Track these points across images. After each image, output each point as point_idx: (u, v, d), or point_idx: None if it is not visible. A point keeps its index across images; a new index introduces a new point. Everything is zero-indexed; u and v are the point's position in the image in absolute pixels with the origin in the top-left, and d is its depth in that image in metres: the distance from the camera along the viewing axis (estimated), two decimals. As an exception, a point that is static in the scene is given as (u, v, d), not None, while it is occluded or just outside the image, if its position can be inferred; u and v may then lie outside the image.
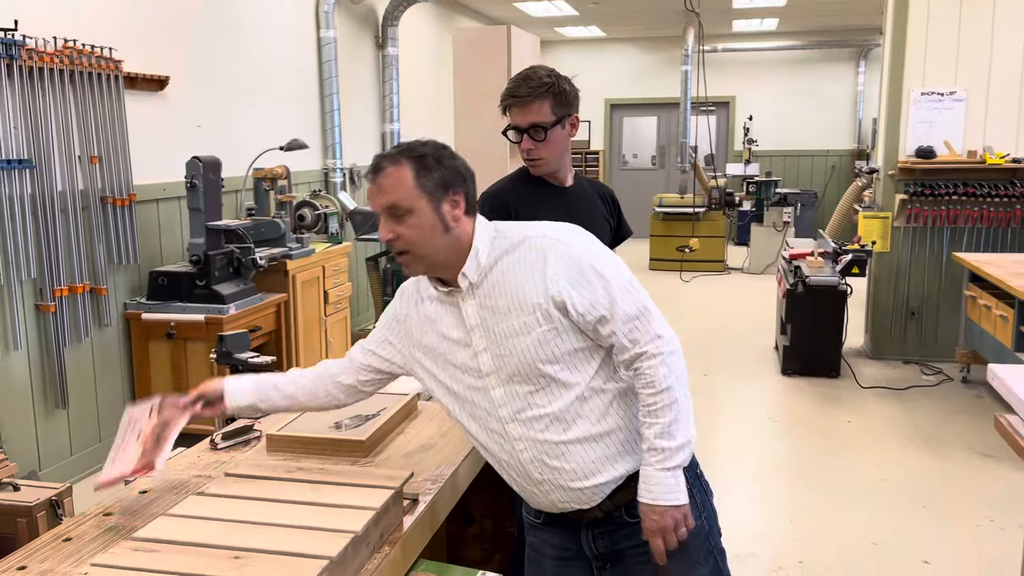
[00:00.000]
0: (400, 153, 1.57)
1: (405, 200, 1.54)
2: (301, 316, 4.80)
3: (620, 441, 1.65)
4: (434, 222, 1.56)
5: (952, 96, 5.56)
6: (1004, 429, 2.19)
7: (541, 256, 1.59)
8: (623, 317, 1.57)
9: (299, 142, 4.88)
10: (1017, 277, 4.34)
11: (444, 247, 1.59)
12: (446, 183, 1.57)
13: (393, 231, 1.57)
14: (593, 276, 1.58)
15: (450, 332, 1.66)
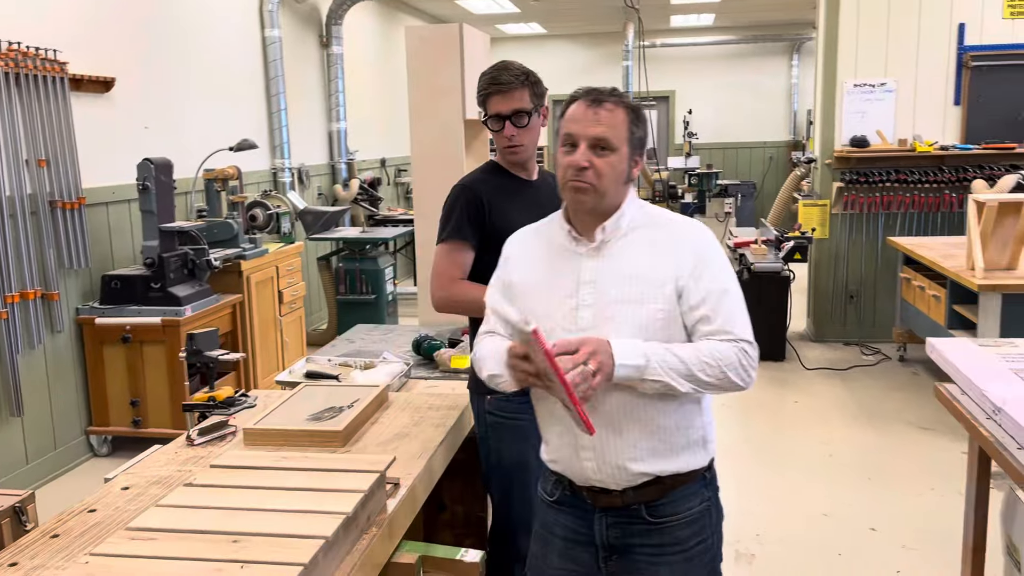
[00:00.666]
0: (619, 97, 1.65)
1: (615, 138, 1.62)
2: (257, 316, 4.79)
3: (675, 441, 1.67)
4: (623, 169, 1.64)
5: (883, 87, 5.79)
6: (944, 397, 2.34)
7: (682, 240, 1.66)
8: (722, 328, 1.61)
9: (249, 142, 4.86)
10: (947, 259, 4.56)
11: (613, 195, 1.66)
12: (642, 143, 1.68)
13: (590, 160, 1.61)
14: (715, 275, 1.64)
15: (558, 280, 1.69)
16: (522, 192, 2.36)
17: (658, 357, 1.56)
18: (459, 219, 2.28)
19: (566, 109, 1.68)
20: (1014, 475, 1.83)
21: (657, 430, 1.65)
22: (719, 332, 1.61)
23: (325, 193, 7.16)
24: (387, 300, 6.00)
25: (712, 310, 1.61)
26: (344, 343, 3.53)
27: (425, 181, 3.76)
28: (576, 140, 1.63)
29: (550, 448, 1.76)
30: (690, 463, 1.69)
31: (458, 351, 3.07)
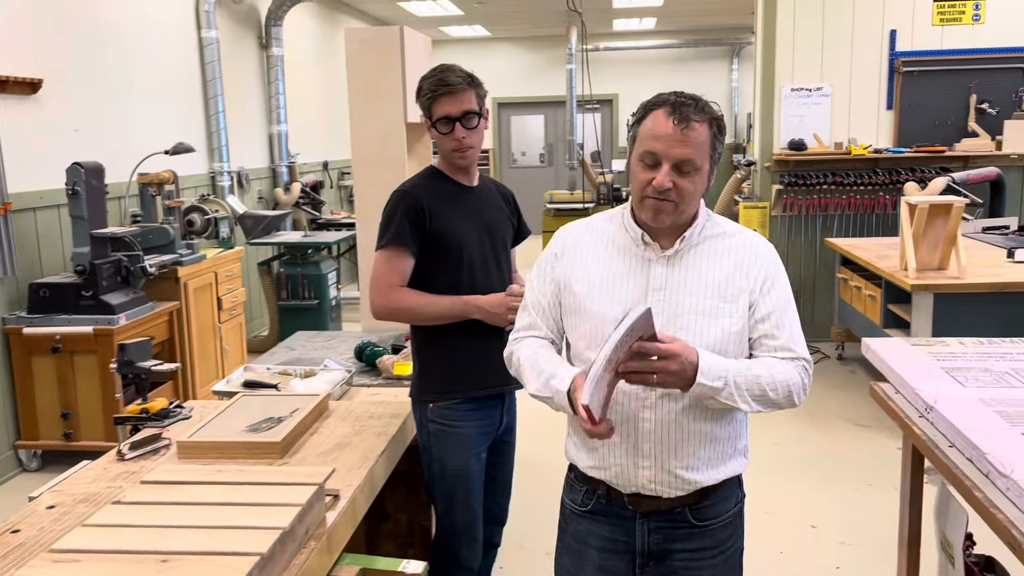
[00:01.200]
0: (703, 110, 1.59)
1: (699, 158, 1.57)
2: (195, 324, 4.67)
3: (727, 451, 1.69)
4: (703, 185, 1.61)
5: (819, 92, 5.92)
6: (879, 396, 2.39)
7: (754, 253, 1.65)
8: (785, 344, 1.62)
9: (185, 145, 4.75)
10: (883, 259, 4.67)
11: (691, 209, 1.64)
12: (720, 154, 1.64)
13: (673, 181, 1.57)
14: (780, 294, 1.65)
15: (622, 284, 1.65)
16: (463, 198, 2.33)
17: (736, 379, 1.54)
18: (399, 225, 2.23)
19: (645, 115, 1.61)
20: (945, 472, 1.87)
21: (714, 440, 1.66)
22: (782, 349, 1.63)
23: (266, 197, 7.04)
24: (330, 305, 5.92)
25: (777, 326, 1.62)
26: (284, 351, 3.46)
27: (366, 185, 3.71)
28: (659, 159, 1.57)
29: (597, 456, 1.69)
30: (735, 470, 1.74)
31: (401, 357, 3.04)
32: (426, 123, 2.30)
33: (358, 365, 3.14)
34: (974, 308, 4.07)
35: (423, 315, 2.29)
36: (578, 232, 1.77)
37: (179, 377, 4.51)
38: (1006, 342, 2.57)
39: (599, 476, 1.71)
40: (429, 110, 2.26)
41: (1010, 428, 1.88)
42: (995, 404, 2.04)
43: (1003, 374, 2.28)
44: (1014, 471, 1.65)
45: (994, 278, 4.08)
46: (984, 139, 5.76)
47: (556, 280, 1.74)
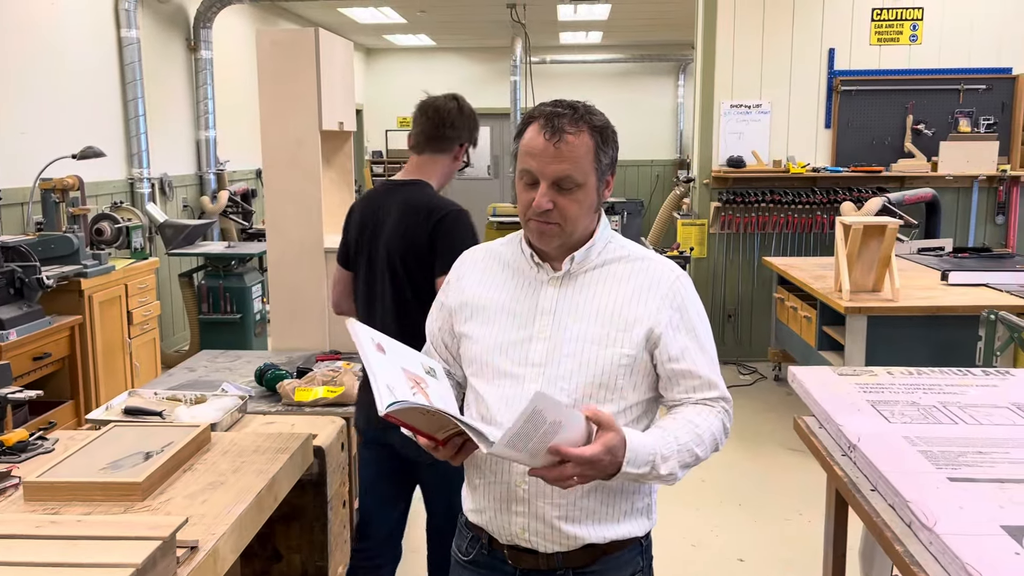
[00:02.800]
0: (581, 119, 1.44)
1: (580, 174, 1.43)
2: (100, 340, 4.38)
3: (620, 506, 1.50)
4: (592, 201, 1.47)
5: (758, 109, 5.86)
6: (802, 431, 2.25)
7: (656, 281, 1.50)
8: (702, 382, 1.49)
9: (94, 150, 4.48)
10: (818, 280, 4.59)
11: (582, 229, 1.50)
12: (612, 163, 1.49)
13: (554, 201, 1.43)
14: (693, 327, 1.50)
15: (513, 306, 1.52)
16: None
17: (663, 452, 1.37)
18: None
19: (523, 130, 1.47)
20: (867, 520, 1.73)
21: (604, 491, 1.47)
22: (702, 388, 1.48)
23: (192, 205, 6.75)
24: (254, 320, 5.66)
25: (694, 363, 1.49)
26: (183, 372, 3.22)
27: (278, 195, 3.50)
28: (536, 177, 1.44)
29: (475, 497, 1.55)
30: (631, 531, 1.53)
31: (304, 382, 2.82)
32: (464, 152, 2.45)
33: (259, 389, 2.92)
34: (908, 332, 4.00)
35: None
36: (476, 256, 1.65)
37: (80, 398, 4.22)
38: (936, 372, 2.46)
39: (478, 522, 1.55)
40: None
41: (935, 472, 1.75)
42: (920, 443, 1.91)
43: (930, 408, 2.16)
44: (937, 523, 1.52)
45: (928, 301, 4.01)
46: (920, 160, 5.76)
47: (448, 306, 1.63)
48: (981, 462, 1.79)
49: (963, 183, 5.85)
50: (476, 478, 1.54)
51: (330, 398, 2.75)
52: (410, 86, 12.77)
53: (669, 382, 1.49)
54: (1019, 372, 2.45)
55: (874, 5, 5.75)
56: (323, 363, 3.26)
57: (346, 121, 3.75)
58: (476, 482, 1.54)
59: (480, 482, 1.53)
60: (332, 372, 2.91)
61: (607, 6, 8.88)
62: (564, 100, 1.48)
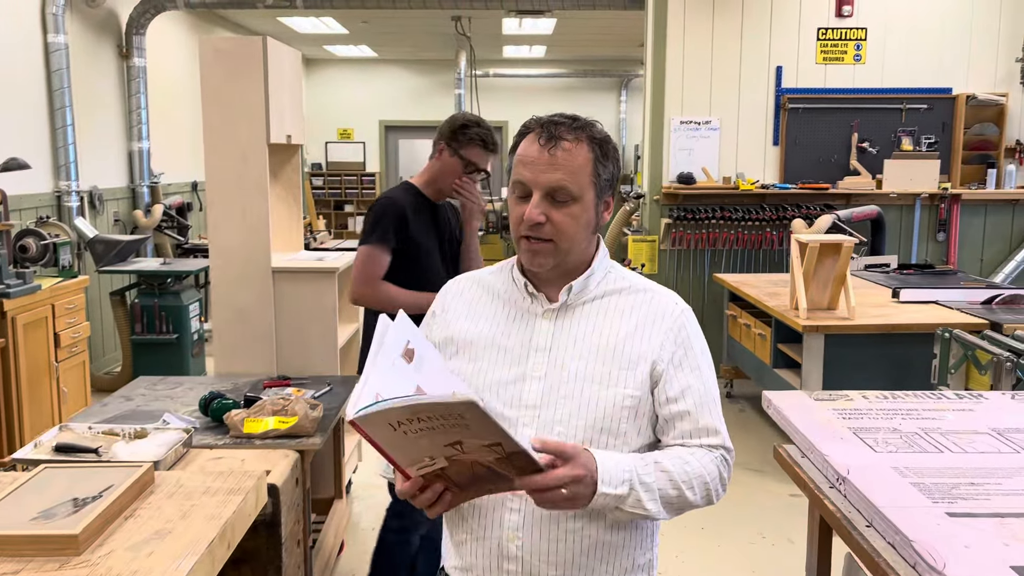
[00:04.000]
0: (581, 129, 1.34)
1: (576, 186, 1.32)
2: (24, 364, 4.10)
3: (620, 562, 1.36)
4: (589, 219, 1.37)
5: (708, 125, 5.86)
6: (784, 461, 2.17)
7: (660, 314, 1.40)
8: (701, 427, 1.36)
9: (18, 161, 4.20)
10: (772, 297, 4.58)
11: (579, 251, 1.38)
12: (611, 180, 1.39)
13: (547, 214, 1.32)
14: (696, 366, 1.38)
15: (504, 340, 1.39)
16: (429, 210, 2.79)
17: (642, 478, 1.25)
18: (385, 227, 2.67)
19: (517, 143, 1.36)
20: (864, 559, 1.65)
21: (604, 547, 1.34)
22: (702, 433, 1.35)
23: (123, 219, 6.44)
24: (191, 340, 5.40)
25: (695, 405, 1.36)
26: (119, 401, 3.00)
27: (222, 211, 3.30)
28: (528, 189, 1.33)
29: (460, 553, 1.41)
30: None
31: (253, 412, 2.64)
32: (450, 154, 2.74)
33: (203, 420, 2.73)
34: (864, 350, 4.00)
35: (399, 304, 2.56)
36: (462, 286, 1.52)
37: (2, 426, 3.93)
38: (909, 395, 2.42)
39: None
40: (465, 152, 2.72)
41: (932, 506, 1.68)
42: (910, 474, 1.85)
43: (912, 436, 2.11)
44: (947, 566, 1.44)
45: (883, 319, 4.02)
46: (865, 177, 5.83)
47: (432, 341, 1.47)
48: (976, 495, 1.74)
49: (906, 200, 5.94)
50: (461, 533, 1.40)
51: (282, 429, 2.58)
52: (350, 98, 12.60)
53: (666, 424, 1.37)
54: (992, 395, 2.43)
55: (819, 24, 5.82)
56: (271, 389, 3.08)
57: (294, 134, 3.59)
58: (462, 537, 1.40)
59: (467, 537, 1.39)
60: (282, 400, 2.74)
61: (552, 21, 8.85)
62: (565, 113, 1.38)
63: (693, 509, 1.34)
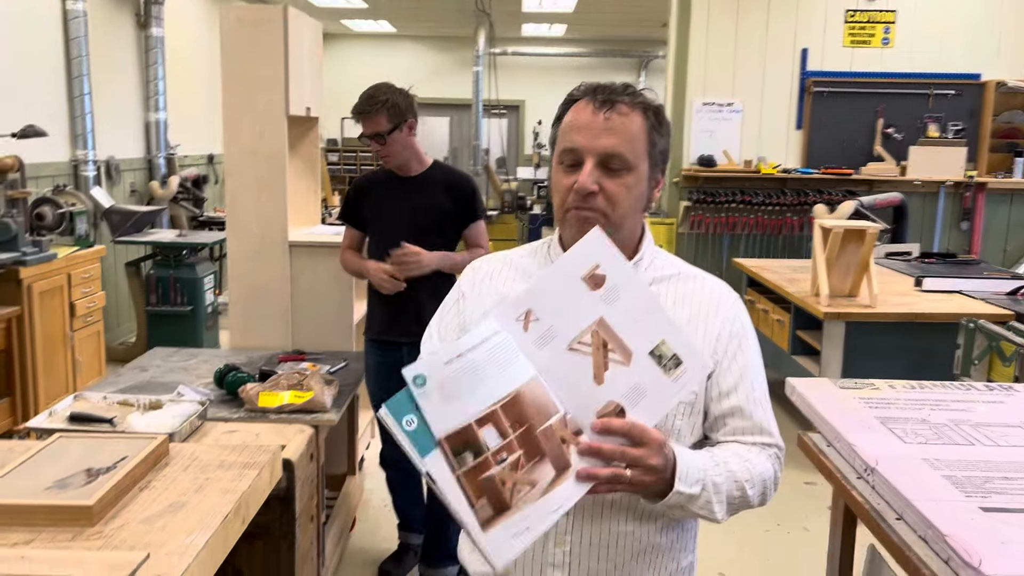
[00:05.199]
0: (635, 95, 1.25)
1: (632, 153, 1.23)
2: (40, 332, 4.09)
3: (666, 565, 1.30)
4: (642, 192, 1.27)
5: (730, 107, 5.77)
6: (809, 449, 2.13)
7: (715, 304, 1.31)
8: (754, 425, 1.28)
9: (35, 129, 4.18)
10: (792, 283, 4.51)
11: (630, 227, 1.29)
12: (664, 155, 1.30)
13: (600, 183, 1.22)
14: (748, 361, 1.31)
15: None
16: (398, 186, 2.93)
17: (714, 479, 1.18)
18: (345, 204, 3.01)
19: (564, 111, 1.27)
20: (895, 552, 1.61)
21: (651, 551, 1.28)
22: (755, 430, 1.28)
23: (140, 190, 6.42)
24: (205, 313, 5.38)
25: (747, 400, 1.29)
26: (134, 372, 2.98)
27: (239, 184, 3.27)
28: (580, 156, 1.23)
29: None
30: None
31: (268, 386, 2.62)
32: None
33: (218, 392, 2.71)
34: (885, 338, 3.94)
35: (350, 270, 3.06)
36: (491, 267, 1.43)
37: (16, 395, 3.93)
38: (937, 387, 2.36)
39: None
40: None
41: (964, 500, 1.64)
42: (942, 467, 1.80)
43: (942, 427, 2.06)
44: (982, 562, 1.40)
45: (905, 308, 3.96)
46: (889, 163, 5.74)
47: (461, 324, 1.40)
48: (1010, 489, 1.69)
49: (930, 188, 5.85)
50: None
51: (297, 404, 2.56)
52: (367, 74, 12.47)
53: (716, 422, 1.30)
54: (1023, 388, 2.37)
55: (848, 6, 5.71)
56: (287, 364, 3.05)
57: (313, 106, 3.54)
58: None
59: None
60: (298, 375, 2.71)
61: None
62: (613, 81, 1.30)
63: (744, 509, 1.28)
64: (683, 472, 1.14)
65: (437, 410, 1.07)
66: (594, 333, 1.12)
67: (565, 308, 1.13)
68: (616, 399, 1.10)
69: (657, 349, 1.13)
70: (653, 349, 1.12)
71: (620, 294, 1.14)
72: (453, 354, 1.09)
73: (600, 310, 1.13)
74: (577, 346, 1.12)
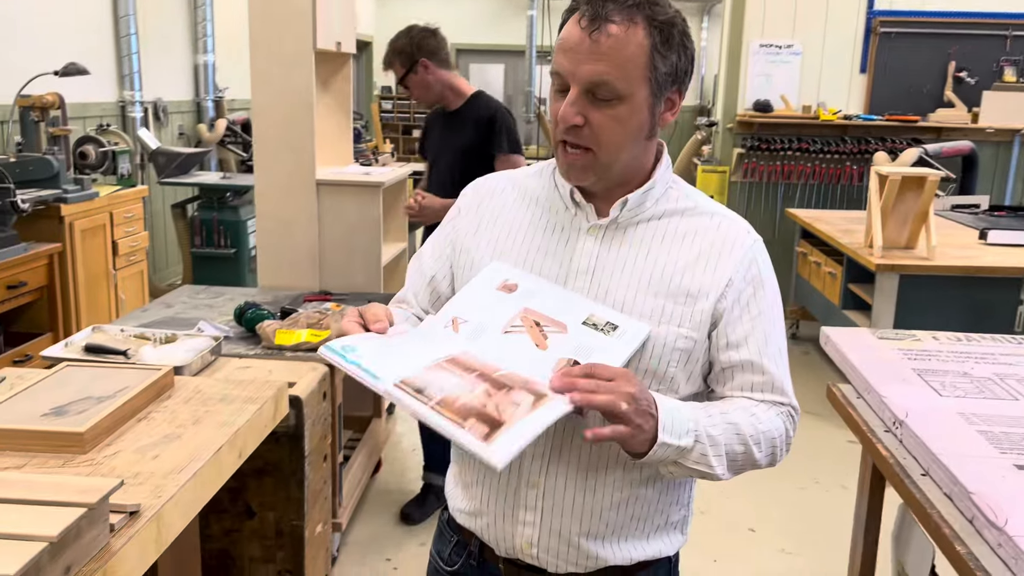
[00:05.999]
0: (636, 7, 1.06)
1: (623, 81, 1.06)
2: (82, 270, 4.15)
3: (653, 519, 1.20)
4: (640, 122, 1.11)
5: (790, 49, 5.49)
6: (836, 400, 2.00)
7: (729, 244, 1.17)
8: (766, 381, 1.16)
9: (77, 67, 4.18)
10: (846, 234, 4.30)
11: (628, 159, 1.14)
12: (677, 74, 1.11)
13: (584, 114, 1.08)
14: (763, 309, 1.16)
15: (540, 258, 1.19)
16: (441, 118, 3.16)
17: (711, 435, 1.07)
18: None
19: (563, 23, 1.11)
20: (918, 510, 1.49)
21: (636, 502, 1.17)
22: (765, 387, 1.15)
23: (188, 133, 6.45)
24: (249, 255, 5.41)
25: (759, 354, 1.15)
26: (159, 307, 2.99)
27: (266, 122, 3.21)
28: (566, 82, 1.08)
29: (468, 496, 1.25)
30: (661, 550, 1.24)
31: (287, 324, 2.58)
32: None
33: (238, 330, 2.68)
34: (942, 292, 3.73)
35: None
36: (492, 186, 1.30)
37: (60, 330, 4.00)
38: (986, 339, 2.20)
39: (470, 526, 1.25)
40: None
41: (998, 457, 1.50)
42: (978, 421, 1.67)
43: (985, 381, 1.91)
44: (1008, 522, 1.27)
45: (966, 261, 3.73)
46: (960, 110, 5.40)
47: (453, 242, 1.28)
48: (1052, 447, 1.54)
49: (1004, 137, 5.50)
50: (471, 473, 1.24)
51: (313, 342, 2.51)
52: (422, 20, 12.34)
53: (722, 375, 1.16)
54: (1082, 343, 2.18)
55: (920, -60, 5.34)
56: (311, 304, 3.02)
57: (345, 42, 3.45)
58: (471, 477, 1.24)
59: (476, 478, 1.23)
60: (319, 314, 2.67)
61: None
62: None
63: (754, 470, 1.16)
64: (667, 422, 1.03)
65: (380, 365, 1.06)
66: (523, 317, 1.12)
67: (487, 307, 1.14)
68: (566, 357, 1.06)
69: (588, 320, 1.11)
70: (584, 320, 1.11)
71: (535, 293, 1.15)
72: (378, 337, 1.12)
73: (521, 303, 1.14)
74: (511, 328, 1.11)
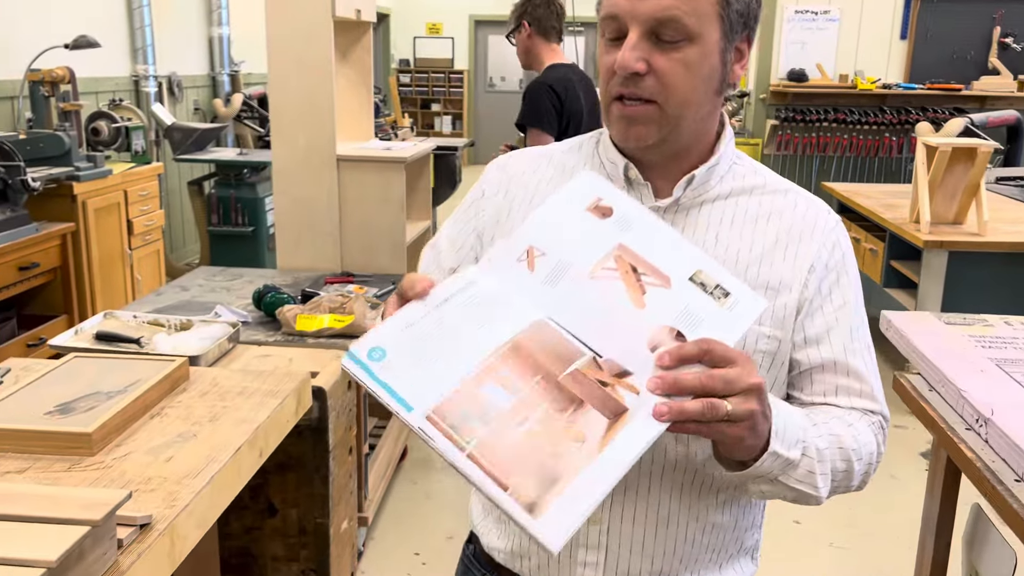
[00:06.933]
0: None
1: (693, 16, 0.89)
2: (96, 250, 4.03)
3: (727, 546, 1.04)
4: (713, 69, 0.93)
5: (826, 16, 5.26)
6: (907, 393, 1.84)
7: (809, 226, 0.99)
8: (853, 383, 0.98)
9: (87, 39, 4.04)
10: (889, 209, 4.11)
11: (696, 121, 0.96)
12: (748, 17, 0.94)
13: (648, 60, 0.90)
14: (848, 299, 0.99)
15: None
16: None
17: (818, 447, 0.90)
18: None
19: None
20: (1008, 516, 1.33)
21: (710, 531, 1.01)
22: (852, 392, 0.98)
23: (203, 108, 6.31)
24: (267, 234, 5.28)
25: (844, 351, 0.98)
26: (175, 291, 2.86)
27: (283, 95, 3.06)
28: (624, 25, 0.91)
29: (508, 532, 1.06)
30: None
31: (308, 309, 2.44)
32: None
33: (256, 314, 2.55)
34: (994, 270, 3.54)
35: None
36: (524, 163, 1.09)
37: (75, 313, 3.89)
38: (1064, 324, 2.03)
39: (514, 567, 1.07)
40: None
41: (1107, 463, 1.35)
42: (1074, 420, 1.50)
43: (1072, 372, 1.74)
44: None
45: (1020, 237, 3.53)
46: (1006, 77, 5.17)
47: (478, 230, 1.09)
48: None
49: (1051, 106, 5.26)
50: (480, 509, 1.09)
51: (337, 328, 2.38)
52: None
53: (799, 378, 1.00)
54: None
55: (966, -102, 5.08)
56: (332, 286, 2.88)
57: (364, 9, 3.28)
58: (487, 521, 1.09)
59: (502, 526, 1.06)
60: (341, 298, 2.53)
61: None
62: None
63: (846, 493, 1.00)
64: (779, 427, 0.84)
65: (411, 384, 0.79)
66: (617, 258, 0.86)
67: (573, 238, 0.88)
68: (668, 325, 0.82)
69: (696, 276, 0.85)
70: (692, 276, 0.85)
71: (633, 225, 0.89)
72: (417, 315, 0.83)
73: (617, 236, 0.88)
74: (601, 272, 0.86)
